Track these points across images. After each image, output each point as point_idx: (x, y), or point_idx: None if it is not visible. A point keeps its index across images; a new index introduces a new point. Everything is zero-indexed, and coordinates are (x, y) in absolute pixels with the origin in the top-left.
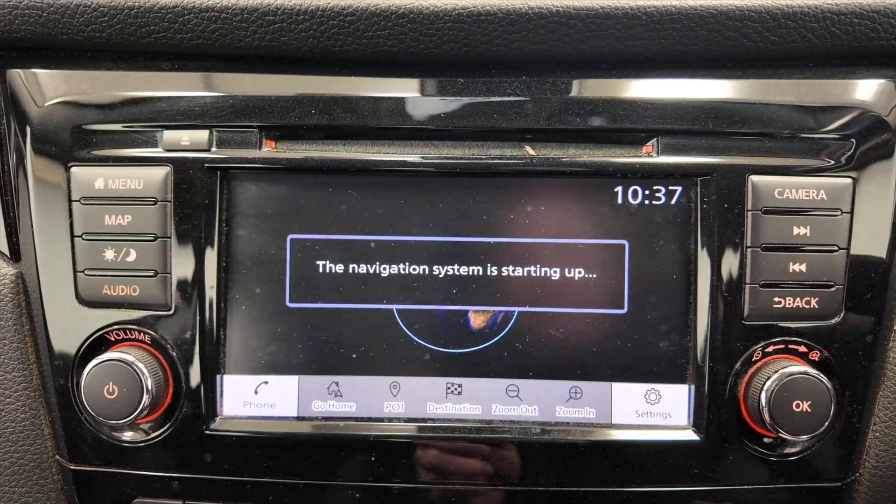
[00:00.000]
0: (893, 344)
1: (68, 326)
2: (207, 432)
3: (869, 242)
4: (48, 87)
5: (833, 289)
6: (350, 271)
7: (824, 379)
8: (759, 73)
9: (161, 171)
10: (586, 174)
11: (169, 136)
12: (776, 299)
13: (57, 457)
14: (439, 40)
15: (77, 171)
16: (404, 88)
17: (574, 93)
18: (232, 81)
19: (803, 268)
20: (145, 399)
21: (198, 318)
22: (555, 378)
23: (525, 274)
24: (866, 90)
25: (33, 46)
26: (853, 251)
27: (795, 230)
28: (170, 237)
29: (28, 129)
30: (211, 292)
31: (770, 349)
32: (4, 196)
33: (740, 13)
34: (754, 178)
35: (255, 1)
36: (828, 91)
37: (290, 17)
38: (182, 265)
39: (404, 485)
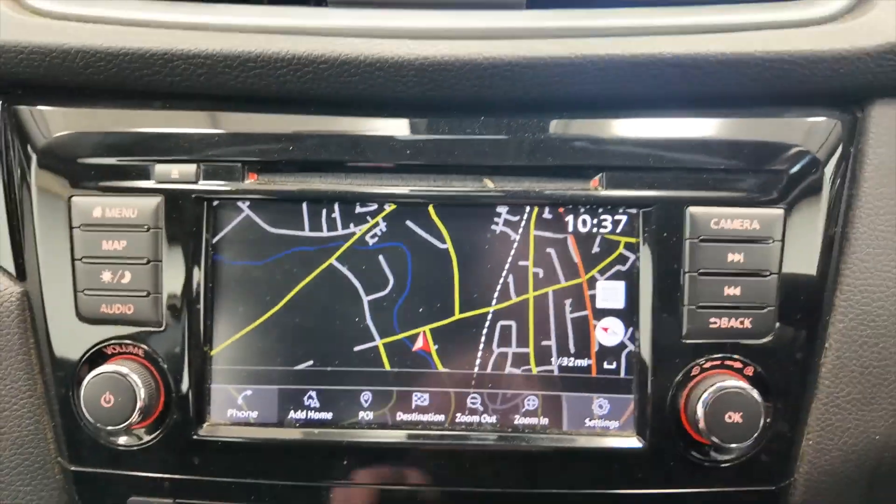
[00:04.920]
0: (824, 360)
1: (69, 341)
2: (195, 437)
3: (798, 268)
4: (51, 123)
5: (765, 310)
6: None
7: (755, 392)
8: (697, 113)
9: (153, 201)
10: (539, 205)
11: (160, 169)
12: (712, 320)
13: (59, 459)
14: (404, 86)
15: (77, 201)
16: (374, 127)
17: (528, 132)
18: (218, 119)
19: (737, 291)
20: (139, 407)
21: (186, 333)
22: (512, 389)
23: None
24: (797, 129)
25: (37, 85)
26: (784, 275)
27: (730, 257)
28: (161, 260)
29: (33, 161)
30: (198, 310)
31: (707, 365)
32: (11, 221)
33: (677, 60)
34: (692, 209)
35: (237, 49)
36: (761, 130)
37: (269, 64)
38: (172, 286)
39: (374, 486)
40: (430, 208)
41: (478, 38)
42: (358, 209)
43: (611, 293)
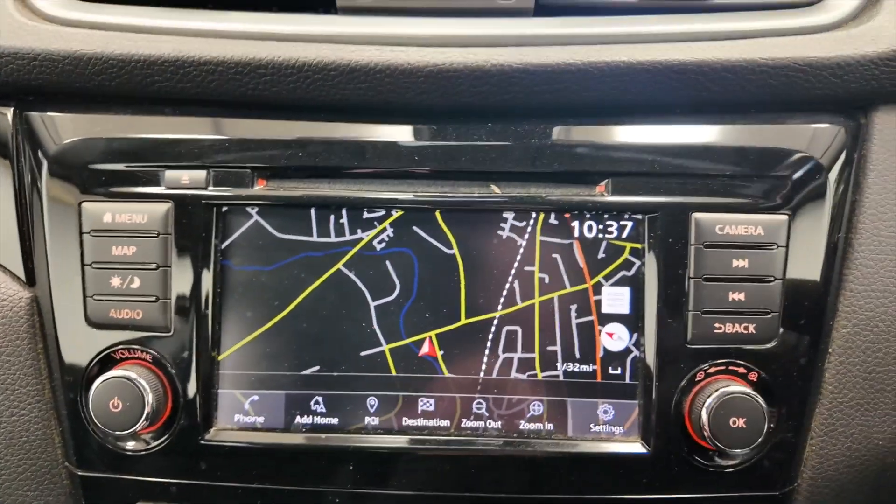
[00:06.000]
0: (828, 366)
1: (78, 346)
2: (203, 442)
3: (802, 273)
4: (62, 129)
5: (769, 316)
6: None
7: (759, 398)
8: (702, 120)
9: (163, 207)
10: (546, 211)
11: (170, 175)
12: (717, 325)
13: (66, 464)
14: (413, 92)
15: (87, 206)
16: (383, 134)
17: (535, 138)
18: (228, 126)
19: (742, 297)
20: (147, 412)
21: (194, 339)
22: (517, 394)
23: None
24: (802, 135)
25: (49, 91)
26: (787, 281)
27: (735, 262)
28: (170, 266)
29: (44, 167)
30: (206, 315)
31: (712, 370)
32: (21, 227)
33: (683, 67)
34: (697, 215)
35: (249, 55)
36: (766, 136)
37: (279, 71)
38: (181, 291)
39: (380, 491)
40: (437, 214)
41: (486, 46)
42: (366, 215)
43: (616, 298)
